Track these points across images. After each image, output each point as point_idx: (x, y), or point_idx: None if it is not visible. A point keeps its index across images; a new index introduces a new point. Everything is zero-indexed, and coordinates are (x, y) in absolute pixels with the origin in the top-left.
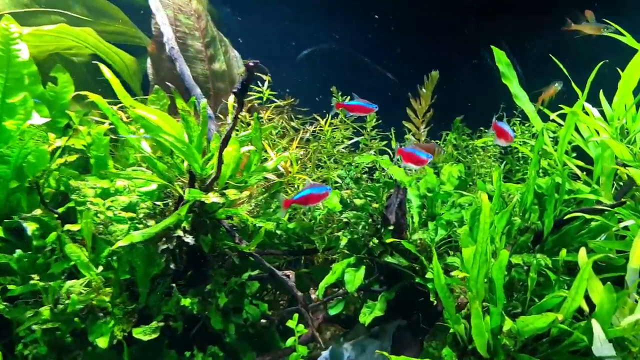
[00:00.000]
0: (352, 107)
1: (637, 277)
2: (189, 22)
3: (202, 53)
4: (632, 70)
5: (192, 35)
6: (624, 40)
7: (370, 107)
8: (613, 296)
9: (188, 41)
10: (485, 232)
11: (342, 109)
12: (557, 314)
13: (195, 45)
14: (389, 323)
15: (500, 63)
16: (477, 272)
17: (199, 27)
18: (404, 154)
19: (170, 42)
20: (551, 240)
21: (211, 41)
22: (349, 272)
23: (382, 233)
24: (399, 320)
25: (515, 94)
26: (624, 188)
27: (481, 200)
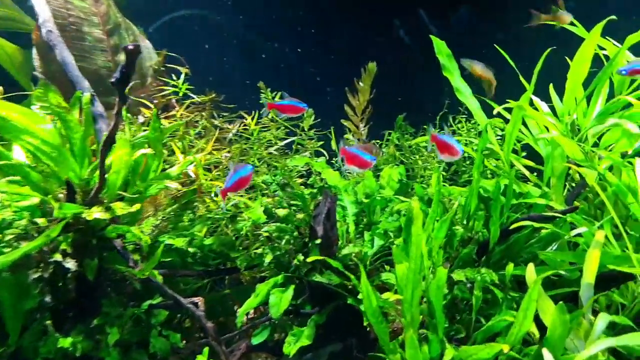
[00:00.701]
0: (283, 107)
1: (592, 293)
2: (83, 5)
3: (103, 42)
4: (581, 60)
5: (89, 22)
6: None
7: (300, 107)
8: (566, 318)
9: (84, 28)
10: (419, 246)
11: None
12: (502, 345)
13: (93, 33)
14: (324, 348)
15: (441, 54)
16: (411, 294)
17: (98, 11)
18: (347, 155)
19: (46, 24)
20: (498, 251)
21: (114, 29)
22: (274, 294)
23: (309, 248)
24: (335, 344)
25: (457, 88)
26: (575, 190)
27: (413, 208)
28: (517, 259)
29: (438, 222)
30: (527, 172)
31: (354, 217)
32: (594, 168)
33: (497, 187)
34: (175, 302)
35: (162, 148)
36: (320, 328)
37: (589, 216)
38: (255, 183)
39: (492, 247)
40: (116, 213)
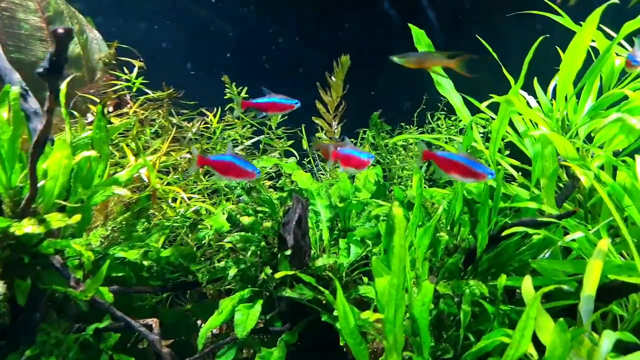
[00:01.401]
0: (267, 106)
1: (592, 306)
2: None
3: (41, 31)
4: (575, 52)
5: (24, 7)
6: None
7: (289, 104)
8: (567, 336)
9: (18, 14)
10: (402, 259)
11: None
12: None
13: (30, 20)
14: None
15: (420, 44)
16: (393, 314)
17: None
18: (341, 157)
19: None
20: (486, 260)
21: (55, 17)
22: (240, 311)
23: (279, 259)
24: None
25: (438, 82)
26: (565, 191)
27: (394, 215)
28: (506, 268)
29: (421, 228)
30: (515, 173)
31: (328, 223)
32: (588, 167)
33: (485, 190)
34: (126, 324)
35: (109, 150)
36: (293, 347)
37: (580, 220)
38: (218, 187)
39: (480, 256)
40: (52, 226)
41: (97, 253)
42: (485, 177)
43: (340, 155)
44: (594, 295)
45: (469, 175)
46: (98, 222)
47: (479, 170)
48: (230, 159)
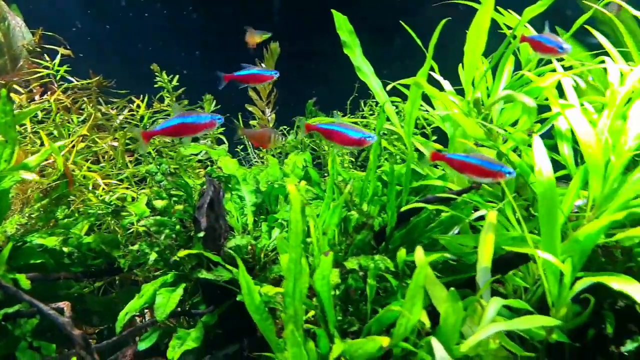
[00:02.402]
0: (248, 77)
1: (489, 276)
2: None
3: None
4: (476, 32)
5: None
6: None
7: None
8: (459, 305)
9: None
10: (298, 234)
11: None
12: (383, 339)
13: None
14: (222, 350)
15: (342, 30)
16: (292, 287)
17: None
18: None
19: None
20: (398, 237)
21: None
22: (161, 294)
23: (193, 241)
24: (232, 346)
25: (358, 66)
26: None
27: (289, 192)
28: (417, 244)
29: (332, 207)
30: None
31: (253, 208)
32: (497, 147)
33: (391, 170)
34: (37, 309)
35: (16, 134)
36: (216, 328)
37: (497, 198)
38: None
39: (391, 233)
40: None
41: (14, 240)
42: (503, 175)
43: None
44: (489, 266)
45: (485, 175)
46: (17, 209)
47: (496, 169)
48: (179, 120)
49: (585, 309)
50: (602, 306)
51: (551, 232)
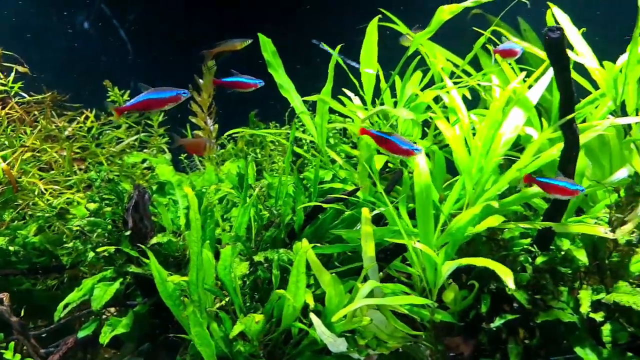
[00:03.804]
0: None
1: (375, 264)
2: None
3: None
4: (368, 44)
5: None
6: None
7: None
8: (340, 288)
9: None
10: (198, 230)
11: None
12: (258, 316)
13: None
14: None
15: (266, 52)
16: (195, 275)
17: None
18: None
19: None
20: (308, 233)
21: None
22: (99, 288)
23: (121, 240)
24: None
25: (280, 84)
26: (395, 176)
27: (188, 194)
28: (324, 239)
29: (241, 208)
30: (341, 161)
31: (184, 211)
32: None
33: (297, 175)
34: None
35: None
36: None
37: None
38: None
39: (302, 229)
40: None
41: None
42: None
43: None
44: (373, 255)
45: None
46: None
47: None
48: (146, 96)
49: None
50: (483, 290)
51: (426, 225)
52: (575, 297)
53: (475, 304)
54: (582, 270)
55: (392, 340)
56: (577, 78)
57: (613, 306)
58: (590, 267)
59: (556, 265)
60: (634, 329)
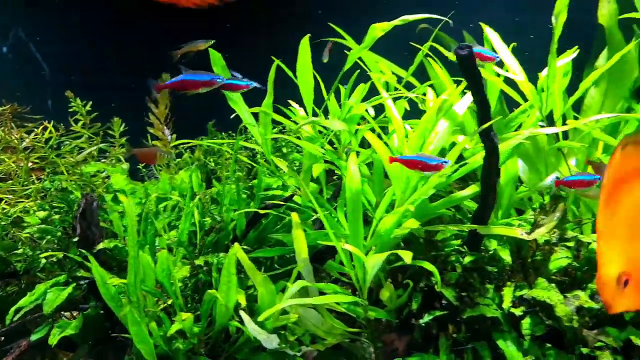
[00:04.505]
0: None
1: (308, 265)
2: None
3: None
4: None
5: None
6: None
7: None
8: (272, 287)
9: None
10: (134, 236)
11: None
12: (186, 314)
13: None
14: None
15: (216, 66)
16: (133, 278)
17: None
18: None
19: None
20: (252, 237)
21: None
22: (52, 292)
23: (70, 246)
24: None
25: (229, 96)
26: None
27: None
28: (267, 243)
29: (184, 215)
30: (285, 169)
31: (137, 218)
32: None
33: (237, 183)
34: None
35: None
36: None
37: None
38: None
39: (246, 234)
40: None
41: None
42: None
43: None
44: (306, 256)
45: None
46: None
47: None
48: (183, 77)
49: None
50: (415, 288)
51: (356, 228)
52: (500, 294)
53: (409, 302)
54: (507, 268)
55: (331, 337)
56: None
57: (532, 301)
58: (515, 266)
59: (484, 264)
60: (552, 322)
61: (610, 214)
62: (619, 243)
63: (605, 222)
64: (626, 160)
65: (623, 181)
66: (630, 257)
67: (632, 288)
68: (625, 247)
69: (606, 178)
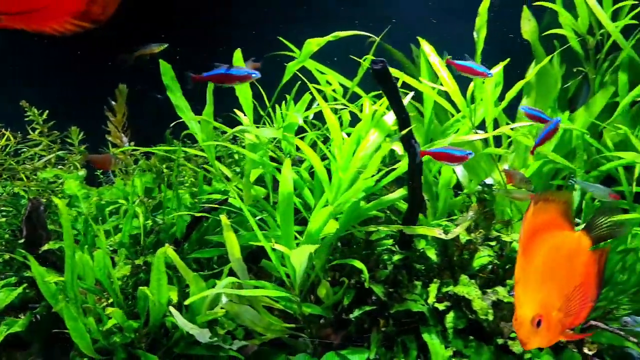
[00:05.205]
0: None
1: (243, 265)
2: None
3: None
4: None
5: None
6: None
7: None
8: (202, 284)
9: None
10: (69, 236)
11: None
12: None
13: None
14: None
15: (165, 77)
16: (70, 276)
17: None
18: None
19: None
20: (195, 239)
21: None
22: (2, 292)
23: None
24: None
25: (177, 105)
26: None
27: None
28: (208, 244)
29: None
30: (230, 174)
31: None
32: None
33: (176, 188)
34: None
35: None
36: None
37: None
38: None
39: (188, 236)
40: None
41: None
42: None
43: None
44: (239, 257)
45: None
46: None
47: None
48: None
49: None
50: (350, 285)
51: (287, 228)
52: (428, 290)
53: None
54: (435, 266)
55: (270, 332)
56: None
57: (455, 297)
58: (442, 264)
59: (413, 262)
60: (474, 316)
61: (525, 263)
62: (532, 288)
63: (522, 270)
64: (537, 216)
65: (535, 234)
66: (541, 301)
67: (544, 328)
68: (537, 292)
69: (522, 231)
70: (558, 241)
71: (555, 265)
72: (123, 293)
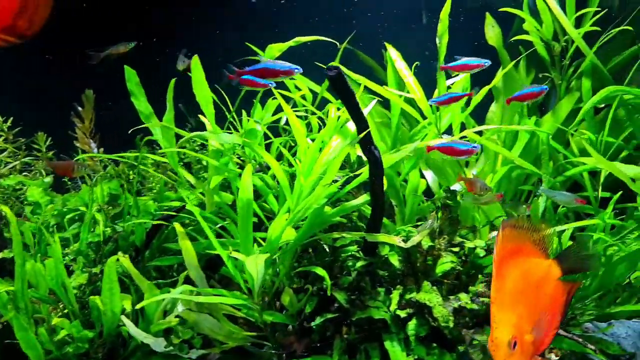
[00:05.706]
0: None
1: (200, 272)
2: None
3: None
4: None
5: None
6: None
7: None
8: (157, 292)
9: None
10: (19, 244)
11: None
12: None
13: None
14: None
15: (130, 82)
16: (20, 285)
17: None
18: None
19: None
20: (156, 246)
21: None
22: None
23: None
24: None
25: (141, 111)
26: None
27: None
28: (168, 252)
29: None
30: (193, 180)
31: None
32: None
33: (135, 195)
34: None
35: None
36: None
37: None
38: None
39: (148, 244)
40: None
41: None
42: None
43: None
44: (196, 264)
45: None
46: None
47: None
48: (264, 65)
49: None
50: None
51: (246, 237)
52: (391, 297)
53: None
54: (399, 273)
55: (231, 341)
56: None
57: (417, 304)
58: (406, 270)
59: (377, 268)
60: (436, 324)
61: (499, 286)
62: (506, 311)
63: (496, 292)
64: (506, 242)
65: (505, 259)
66: (515, 323)
67: (519, 350)
68: (511, 314)
69: (495, 255)
70: (528, 267)
71: (526, 290)
72: (80, 302)
